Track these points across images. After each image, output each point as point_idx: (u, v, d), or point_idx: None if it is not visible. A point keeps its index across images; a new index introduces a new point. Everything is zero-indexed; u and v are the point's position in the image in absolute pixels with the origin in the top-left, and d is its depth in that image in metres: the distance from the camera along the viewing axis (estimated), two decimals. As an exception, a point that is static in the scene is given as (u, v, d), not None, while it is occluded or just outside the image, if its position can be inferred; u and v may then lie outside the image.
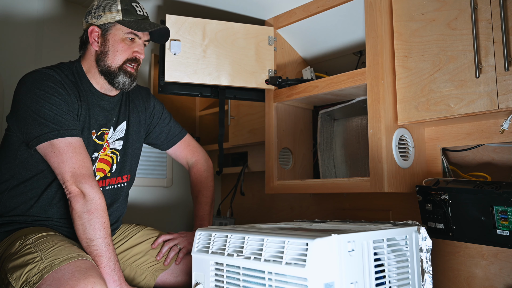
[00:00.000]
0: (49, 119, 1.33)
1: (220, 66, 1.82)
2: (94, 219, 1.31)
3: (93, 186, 1.33)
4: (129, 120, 1.59)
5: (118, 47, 1.45)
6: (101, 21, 1.45)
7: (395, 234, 1.19)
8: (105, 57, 1.45)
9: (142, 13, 1.50)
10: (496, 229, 1.34)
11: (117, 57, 1.46)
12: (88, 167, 1.36)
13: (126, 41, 1.46)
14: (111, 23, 1.45)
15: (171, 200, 2.47)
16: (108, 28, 1.46)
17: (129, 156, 1.59)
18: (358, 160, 1.92)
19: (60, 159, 1.32)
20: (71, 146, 1.34)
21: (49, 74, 1.39)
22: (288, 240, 1.07)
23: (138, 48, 1.48)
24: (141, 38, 1.49)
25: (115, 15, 1.45)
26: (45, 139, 1.32)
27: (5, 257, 1.31)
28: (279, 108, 1.95)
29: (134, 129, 1.61)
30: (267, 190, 1.92)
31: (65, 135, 1.34)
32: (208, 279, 1.26)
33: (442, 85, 1.44)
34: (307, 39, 1.98)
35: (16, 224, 1.40)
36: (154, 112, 1.70)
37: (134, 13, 1.47)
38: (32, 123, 1.34)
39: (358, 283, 1.06)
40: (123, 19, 1.45)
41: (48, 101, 1.34)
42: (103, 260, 1.29)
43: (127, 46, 1.47)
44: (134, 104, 1.63)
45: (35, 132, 1.33)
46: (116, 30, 1.46)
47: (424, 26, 1.49)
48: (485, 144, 1.58)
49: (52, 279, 1.17)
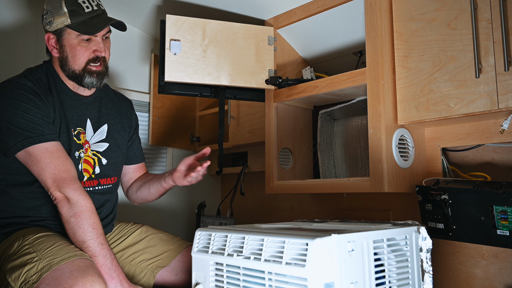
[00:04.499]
0: (22, 127, 1.33)
1: (220, 66, 1.82)
2: (82, 222, 1.31)
3: (75, 189, 1.33)
4: (112, 123, 1.58)
5: (75, 52, 1.42)
6: (53, 28, 1.42)
7: (395, 234, 1.19)
8: (66, 62, 1.43)
9: (90, 8, 1.42)
10: (496, 229, 1.34)
11: (77, 61, 1.43)
12: (69, 170, 1.35)
13: (82, 43, 1.42)
14: (62, 28, 1.41)
15: (171, 200, 2.47)
16: (61, 34, 1.42)
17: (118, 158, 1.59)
18: (358, 160, 1.92)
19: (39, 166, 1.32)
20: (47, 152, 1.33)
21: (19, 82, 1.38)
22: (288, 240, 1.07)
23: (96, 46, 1.44)
24: (97, 35, 1.44)
25: (63, 19, 1.40)
26: (20, 148, 1.32)
27: (4, 258, 1.31)
28: (279, 108, 1.95)
29: (119, 133, 1.61)
30: (267, 190, 1.92)
31: (40, 141, 1.33)
32: (208, 279, 1.26)
33: (442, 85, 1.44)
34: (307, 39, 1.98)
35: (13, 226, 1.40)
36: (133, 126, 1.70)
37: (81, 12, 1.40)
38: (7, 132, 1.34)
39: (358, 283, 1.06)
40: (71, 22, 1.40)
41: (19, 109, 1.34)
42: (99, 260, 1.29)
43: (85, 48, 1.43)
44: (118, 110, 1.63)
45: (10, 141, 1.33)
46: (68, 34, 1.42)
47: (424, 26, 1.49)
48: (485, 144, 1.58)
49: (50, 279, 1.17)
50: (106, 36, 1.48)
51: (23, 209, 1.41)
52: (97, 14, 1.44)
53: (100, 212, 1.51)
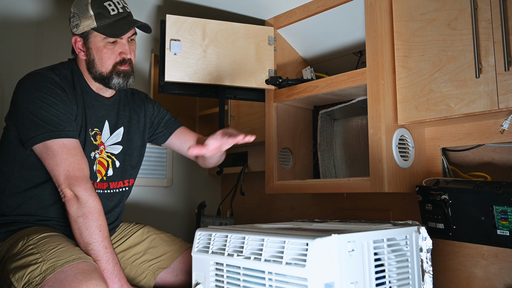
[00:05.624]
0: (45, 120, 1.33)
1: (220, 66, 1.82)
2: (90, 223, 1.30)
3: (86, 189, 1.32)
4: (129, 126, 1.58)
5: (102, 54, 1.43)
6: (79, 30, 1.43)
7: (395, 234, 1.19)
8: (94, 65, 1.44)
9: (116, 11, 1.43)
10: (496, 229, 1.34)
11: (105, 64, 1.43)
12: (83, 169, 1.35)
13: (108, 46, 1.43)
14: (88, 31, 1.42)
15: (171, 200, 2.47)
16: (87, 37, 1.43)
17: (132, 161, 1.58)
18: (358, 160, 1.92)
19: (54, 161, 1.32)
20: (65, 148, 1.33)
21: (47, 75, 1.39)
22: (288, 240, 1.07)
23: (122, 49, 1.45)
24: (123, 38, 1.45)
25: (89, 22, 1.41)
26: (39, 140, 1.32)
27: (8, 257, 1.31)
28: (279, 108, 1.95)
29: (135, 135, 1.60)
30: (267, 190, 1.92)
31: (60, 136, 1.33)
32: (208, 279, 1.26)
33: (442, 85, 1.44)
34: (307, 39, 1.98)
35: (18, 224, 1.39)
36: (154, 115, 1.69)
37: (107, 15, 1.41)
38: (29, 124, 1.34)
39: (358, 283, 1.06)
40: (97, 25, 1.41)
41: (45, 102, 1.34)
42: (101, 264, 1.29)
43: (111, 51, 1.43)
44: (135, 112, 1.62)
45: (30, 133, 1.33)
46: (95, 37, 1.43)
47: (424, 26, 1.49)
48: (485, 144, 1.58)
49: (54, 281, 1.17)
50: (132, 39, 1.49)
51: (31, 207, 1.40)
52: (122, 16, 1.44)
53: (107, 219, 1.50)
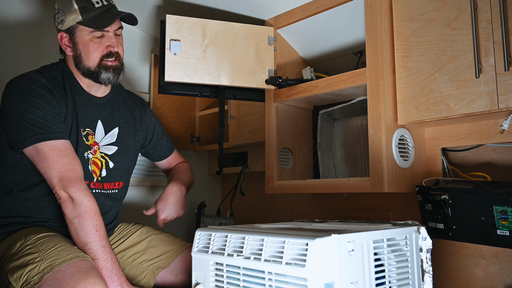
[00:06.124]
0: (33, 123, 1.33)
1: (220, 66, 1.82)
2: (85, 223, 1.30)
3: (80, 190, 1.32)
4: (123, 127, 1.58)
5: (89, 48, 1.43)
6: (65, 26, 1.43)
7: (395, 234, 1.19)
8: (81, 60, 1.44)
9: (100, 3, 1.43)
10: (496, 229, 1.34)
11: (91, 58, 1.44)
12: (75, 170, 1.34)
13: (94, 40, 1.43)
14: (74, 26, 1.42)
15: (171, 200, 2.46)
16: (73, 31, 1.43)
17: (125, 163, 1.58)
18: (358, 160, 1.92)
19: (47, 164, 1.32)
20: (56, 150, 1.33)
21: (34, 77, 1.38)
22: (288, 240, 1.07)
23: (109, 42, 1.45)
24: (109, 30, 1.45)
25: (75, 16, 1.41)
26: (29, 143, 1.32)
27: (6, 258, 1.31)
28: (279, 108, 1.95)
29: (130, 137, 1.60)
30: (267, 190, 1.92)
31: (49, 138, 1.33)
32: (208, 279, 1.26)
33: (442, 85, 1.44)
34: (307, 39, 1.98)
35: (16, 225, 1.40)
36: (149, 127, 1.71)
37: (92, 7, 1.42)
38: (17, 127, 1.33)
39: (358, 283, 1.06)
40: (82, 18, 1.41)
41: (32, 105, 1.34)
42: (100, 263, 1.29)
43: (98, 44, 1.44)
44: (131, 114, 1.63)
45: (19, 136, 1.33)
46: (81, 31, 1.43)
47: (424, 26, 1.49)
48: (485, 144, 1.58)
49: (52, 280, 1.17)
50: (117, 33, 1.49)
51: (27, 209, 1.41)
52: (107, 8, 1.45)
53: (104, 219, 1.50)
